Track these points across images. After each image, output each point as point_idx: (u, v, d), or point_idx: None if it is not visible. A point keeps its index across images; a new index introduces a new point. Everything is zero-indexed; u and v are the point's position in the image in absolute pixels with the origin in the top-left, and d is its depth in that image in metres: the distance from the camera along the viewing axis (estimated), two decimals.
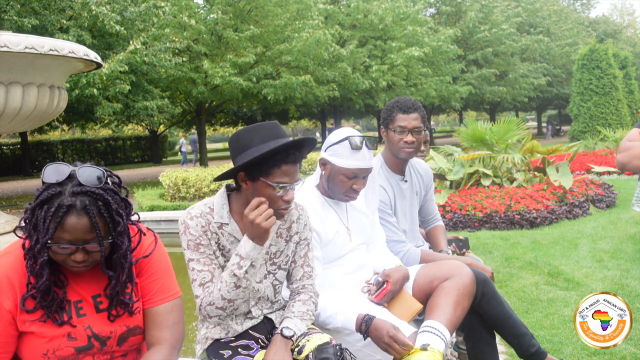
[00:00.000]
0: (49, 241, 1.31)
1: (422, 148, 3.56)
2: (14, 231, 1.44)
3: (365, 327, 1.92)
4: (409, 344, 1.82)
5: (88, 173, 1.36)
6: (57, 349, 1.41)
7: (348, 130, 2.17)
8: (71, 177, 1.35)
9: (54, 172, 1.34)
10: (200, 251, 1.78)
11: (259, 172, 1.70)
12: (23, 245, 1.39)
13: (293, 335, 1.77)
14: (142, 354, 1.62)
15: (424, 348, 1.82)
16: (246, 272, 1.72)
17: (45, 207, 1.31)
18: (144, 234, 1.56)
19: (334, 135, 2.17)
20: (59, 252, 1.34)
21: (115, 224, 1.38)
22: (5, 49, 3.15)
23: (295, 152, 1.70)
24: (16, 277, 1.39)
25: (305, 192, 2.25)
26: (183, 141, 25.99)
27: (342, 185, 2.13)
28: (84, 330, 1.44)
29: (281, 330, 1.78)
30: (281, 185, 1.70)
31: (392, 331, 1.85)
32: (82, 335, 1.44)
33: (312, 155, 11.12)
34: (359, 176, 2.13)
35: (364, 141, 2.11)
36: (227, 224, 1.82)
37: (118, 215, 1.38)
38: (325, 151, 2.17)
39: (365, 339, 1.96)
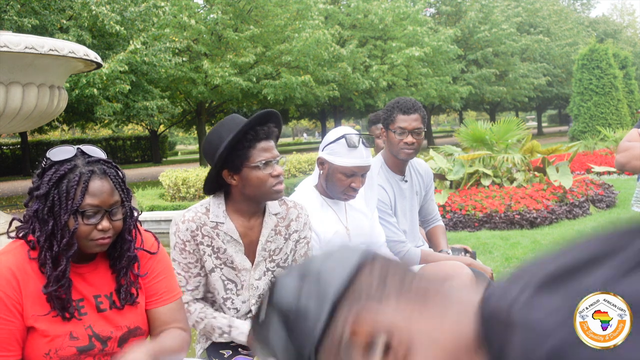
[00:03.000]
0: (78, 209, 1.35)
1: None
2: (16, 234, 1.44)
3: None
4: None
5: (93, 148, 1.46)
6: (59, 349, 1.42)
7: (344, 128, 2.18)
8: (77, 155, 1.42)
9: (61, 151, 1.41)
10: (183, 256, 1.81)
11: (239, 160, 1.73)
12: (38, 238, 1.39)
13: None
14: None
15: None
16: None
17: (65, 180, 1.36)
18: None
19: (331, 134, 2.17)
20: (86, 223, 1.38)
21: (128, 190, 1.47)
22: (5, 49, 3.16)
23: (262, 127, 1.74)
24: (19, 273, 1.40)
25: (304, 192, 2.25)
26: None
27: (340, 184, 2.14)
28: (85, 330, 1.45)
29: None
30: (264, 161, 1.72)
31: None
32: (84, 335, 1.45)
33: (312, 155, 11.11)
34: (357, 174, 2.13)
35: (361, 139, 2.11)
36: (223, 223, 1.82)
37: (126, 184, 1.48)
38: (322, 150, 2.18)
39: None
